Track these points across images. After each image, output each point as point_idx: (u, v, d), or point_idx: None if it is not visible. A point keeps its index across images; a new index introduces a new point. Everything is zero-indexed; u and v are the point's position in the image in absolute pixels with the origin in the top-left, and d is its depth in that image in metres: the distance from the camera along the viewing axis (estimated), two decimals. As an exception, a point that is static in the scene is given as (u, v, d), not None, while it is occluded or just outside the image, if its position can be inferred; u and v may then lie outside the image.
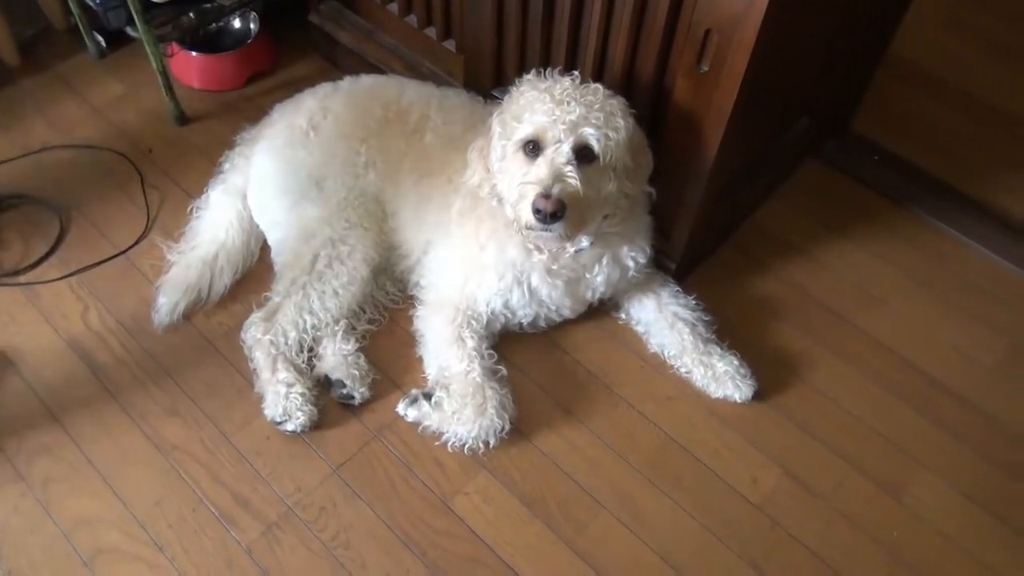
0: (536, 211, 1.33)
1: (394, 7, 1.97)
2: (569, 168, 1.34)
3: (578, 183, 1.34)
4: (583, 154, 1.36)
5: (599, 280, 1.57)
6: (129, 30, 1.91)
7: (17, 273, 1.73)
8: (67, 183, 1.91)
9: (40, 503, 1.42)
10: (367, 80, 1.77)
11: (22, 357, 1.61)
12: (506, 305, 1.57)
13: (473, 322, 1.57)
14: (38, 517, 1.40)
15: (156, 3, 1.88)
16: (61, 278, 1.73)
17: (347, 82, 1.76)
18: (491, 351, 1.57)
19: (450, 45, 1.89)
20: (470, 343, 1.54)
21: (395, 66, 2.02)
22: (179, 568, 1.36)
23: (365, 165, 1.64)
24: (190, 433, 1.51)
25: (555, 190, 1.33)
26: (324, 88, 1.75)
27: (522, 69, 1.69)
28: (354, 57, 2.11)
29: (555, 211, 1.33)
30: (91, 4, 1.90)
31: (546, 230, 1.36)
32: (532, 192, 1.34)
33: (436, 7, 1.84)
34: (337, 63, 2.19)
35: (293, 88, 2.12)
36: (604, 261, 1.55)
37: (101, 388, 1.57)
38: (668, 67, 1.45)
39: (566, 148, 1.35)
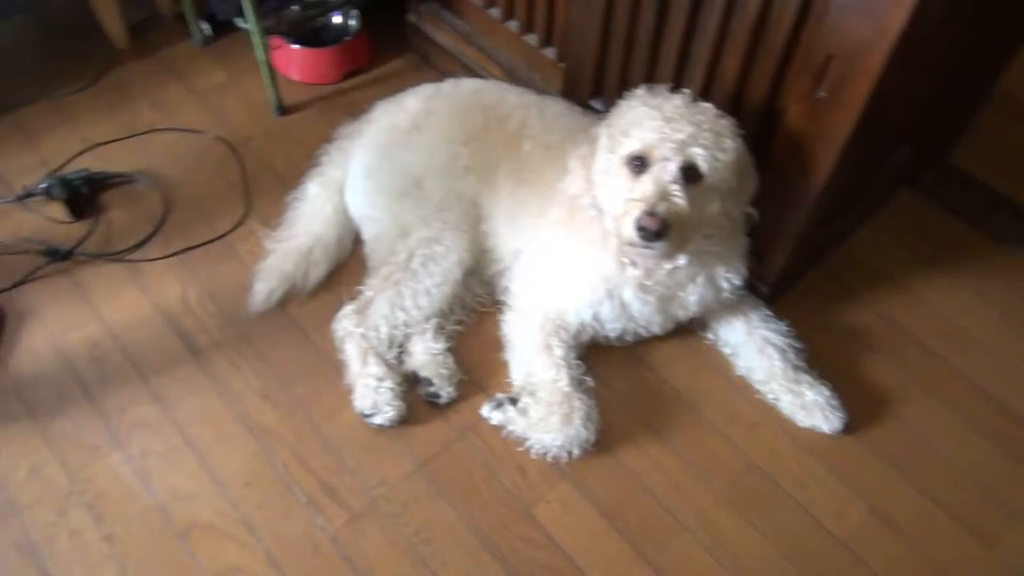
0: (640, 229, 1.34)
1: (495, 11, 1.99)
2: (675, 187, 1.34)
3: (684, 203, 1.34)
4: (689, 173, 1.36)
5: (692, 299, 1.56)
6: (238, 21, 1.97)
7: (122, 252, 1.79)
8: (171, 165, 1.97)
9: (138, 474, 1.47)
10: (469, 84, 1.79)
11: (125, 333, 1.66)
12: (596, 317, 1.57)
13: (562, 331, 1.58)
14: (137, 487, 1.45)
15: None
16: (163, 258, 1.79)
17: (449, 85, 1.78)
18: (578, 361, 1.58)
19: (550, 53, 1.90)
20: (558, 352, 1.55)
21: (491, 70, 2.04)
22: (267, 549, 1.39)
23: (464, 168, 1.66)
24: (281, 419, 1.55)
25: (660, 209, 1.33)
26: (427, 90, 1.77)
27: (624, 82, 1.71)
28: (450, 58, 2.14)
29: (659, 230, 1.33)
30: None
31: (648, 248, 1.36)
32: (637, 209, 1.34)
33: (539, 14, 1.86)
34: (432, 63, 2.22)
35: (388, 85, 2.18)
36: (699, 280, 1.55)
37: (198, 368, 1.62)
38: (781, 89, 1.43)
39: (673, 167, 1.35)
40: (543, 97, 1.77)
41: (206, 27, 2.24)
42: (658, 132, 1.35)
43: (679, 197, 1.34)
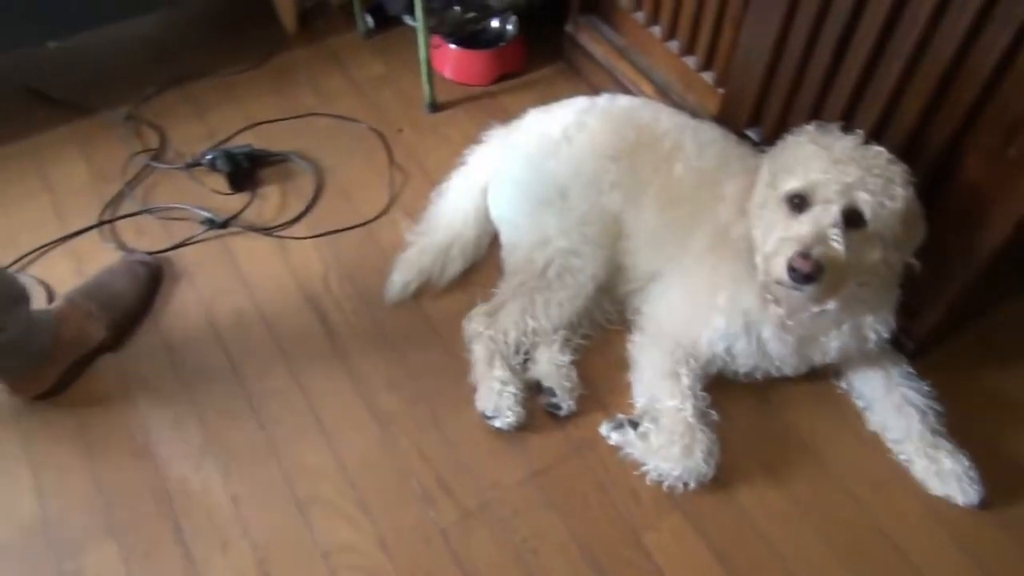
0: (791, 269, 1.30)
1: (656, 29, 1.98)
2: (835, 231, 1.29)
3: (842, 248, 1.29)
4: (852, 218, 1.31)
5: (834, 346, 1.51)
6: (406, 18, 2.03)
7: (274, 228, 1.88)
8: (325, 150, 2.06)
9: (268, 442, 1.54)
10: (624, 101, 1.78)
11: (267, 304, 1.75)
12: (729, 350, 1.54)
13: (691, 360, 1.55)
14: (264, 454, 1.53)
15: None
16: (309, 237, 1.87)
17: (604, 100, 1.78)
18: (704, 393, 1.55)
19: (708, 77, 1.88)
20: (685, 380, 1.53)
21: (643, 87, 2.03)
22: (379, 533, 1.43)
23: (611, 185, 1.66)
24: (404, 408, 1.59)
25: (816, 251, 1.28)
26: (581, 102, 1.78)
27: (787, 114, 1.66)
28: (603, 72, 2.14)
29: (811, 273, 1.28)
30: (377, -11, 2.04)
31: (796, 290, 1.32)
32: (791, 249, 1.30)
33: (703, 36, 1.83)
34: (584, 74, 2.23)
35: (537, 92, 2.20)
36: (844, 327, 1.49)
37: (331, 347, 1.68)
38: (964, 140, 1.36)
39: (835, 209, 1.30)
40: (698, 121, 1.74)
41: (370, 20, 2.33)
42: (824, 172, 1.30)
43: (837, 242, 1.29)
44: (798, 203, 1.34)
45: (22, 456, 1.51)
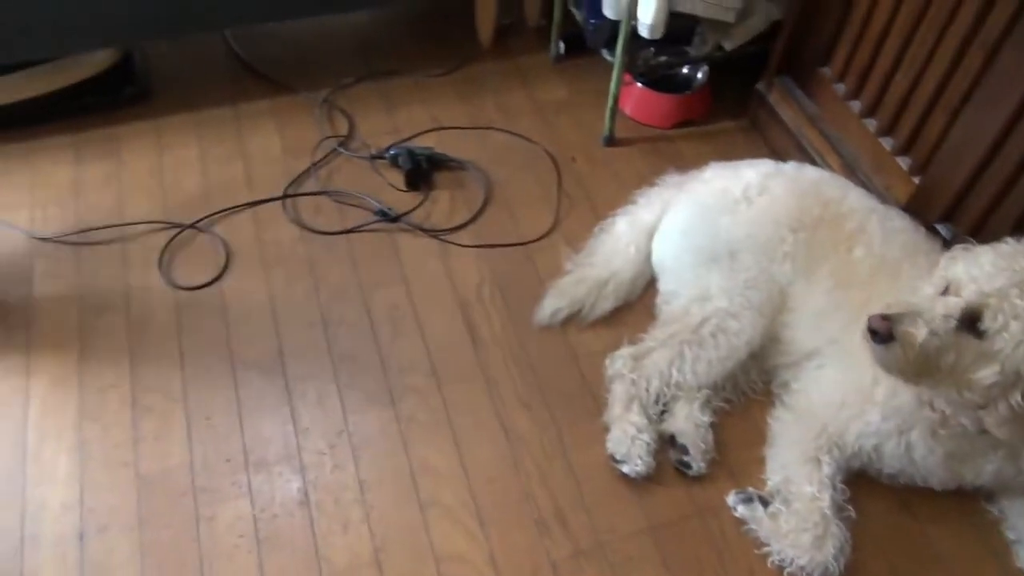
0: (869, 319, 1.27)
1: (855, 104, 1.92)
2: (940, 318, 1.23)
3: (924, 335, 1.22)
4: (970, 321, 1.22)
5: (988, 468, 1.42)
6: (604, 53, 2.07)
7: (440, 231, 1.95)
8: (498, 164, 2.11)
9: (401, 435, 1.59)
10: (812, 172, 1.74)
11: (421, 303, 1.81)
12: (877, 448, 1.48)
13: (836, 449, 1.49)
14: (396, 447, 1.58)
15: (640, 36, 1.99)
16: (471, 246, 1.93)
17: (791, 167, 1.75)
18: (844, 486, 1.49)
19: (904, 162, 1.81)
20: (827, 469, 1.47)
21: (829, 159, 1.98)
22: (491, 549, 1.45)
23: (784, 255, 1.62)
24: (534, 431, 1.61)
25: (895, 313, 1.25)
26: (767, 165, 1.75)
27: (988, 217, 1.58)
28: (787, 136, 2.10)
29: (876, 331, 1.25)
30: (579, 20, 2.08)
31: (869, 343, 1.29)
32: (888, 307, 1.28)
33: (907, 120, 1.77)
34: (766, 135, 2.20)
35: (716, 144, 2.19)
36: (1000, 453, 1.40)
37: (475, 356, 1.72)
38: None
39: (954, 302, 1.23)
40: (886, 206, 1.68)
41: (562, 46, 2.38)
42: (971, 269, 1.25)
43: (925, 328, 1.22)
44: (944, 290, 1.29)
45: (179, 404, 1.63)
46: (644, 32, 1.92)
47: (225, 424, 1.60)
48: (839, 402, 1.51)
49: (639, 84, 2.21)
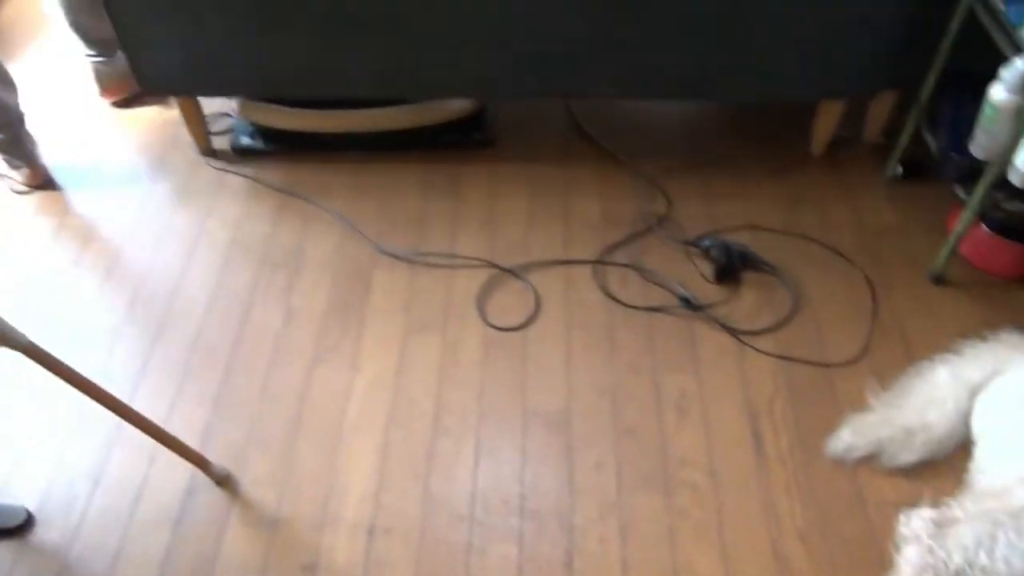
0: None
1: None
2: None
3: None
4: None
5: None
6: (956, 188, 1.95)
7: (741, 331, 1.94)
8: (810, 276, 2.06)
9: (670, 528, 1.60)
10: None
11: (710, 398, 1.81)
12: None
13: None
14: (663, 538, 1.59)
15: (1009, 183, 1.86)
16: (770, 354, 1.90)
17: None
18: None
19: None
20: None
21: None
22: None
23: None
24: (809, 568, 1.54)
25: None
26: None
27: None
28: None
29: None
30: (932, 148, 1.98)
31: None
32: None
33: None
34: None
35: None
36: None
37: (755, 466, 1.69)
38: None
39: None
40: None
41: (900, 169, 2.29)
42: None
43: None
44: None
45: (472, 432, 1.76)
46: (1016, 180, 1.79)
47: (509, 464, 1.70)
48: None
49: (984, 227, 2.06)
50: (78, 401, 1.40)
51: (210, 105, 2.44)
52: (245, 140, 2.44)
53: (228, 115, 2.52)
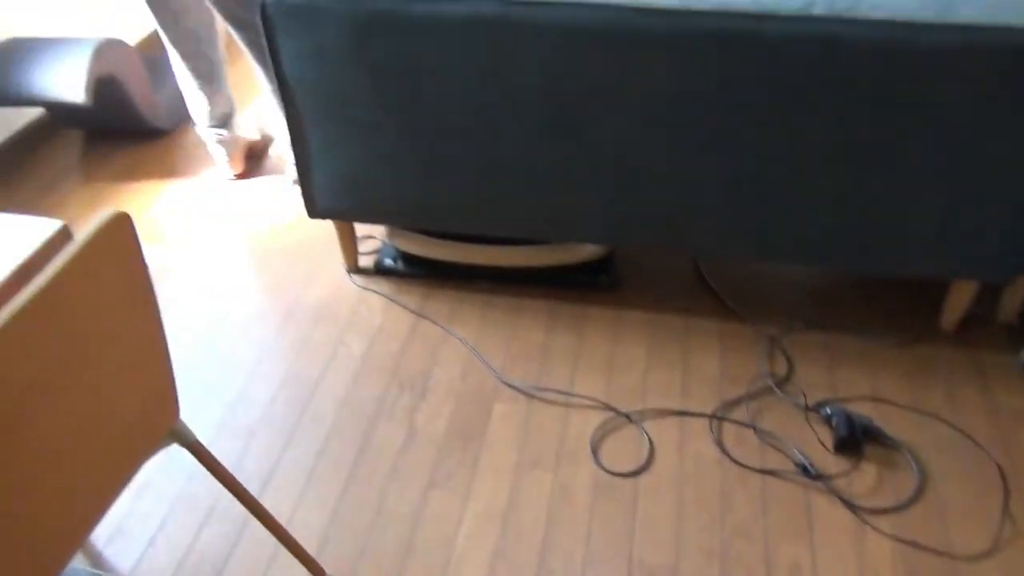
0: None
1: None
2: None
3: None
4: None
5: None
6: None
7: (861, 508, 1.89)
8: (936, 458, 2.00)
9: None
10: None
11: (823, 567, 1.75)
12: None
13: None
14: None
15: None
16: (891, 537, 1.83)
17: None
18: None
19: None
20: None
21: None
22: None
23: None
24: None
25: None
26: None
27: None
28: None
29: None
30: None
31: None
32: None
33: None
34: None
35: None
36: None
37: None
38: None
39: None
40: None
41: (1036, 355, 2.22)
42: None
43: None
44: None
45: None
46: None
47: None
48: None
49: None
50: (217, 489, 1.51)
51: (360, 227, 2.67)
52: (388, 262, 2.64)
53: (373, 237, 2.75)
